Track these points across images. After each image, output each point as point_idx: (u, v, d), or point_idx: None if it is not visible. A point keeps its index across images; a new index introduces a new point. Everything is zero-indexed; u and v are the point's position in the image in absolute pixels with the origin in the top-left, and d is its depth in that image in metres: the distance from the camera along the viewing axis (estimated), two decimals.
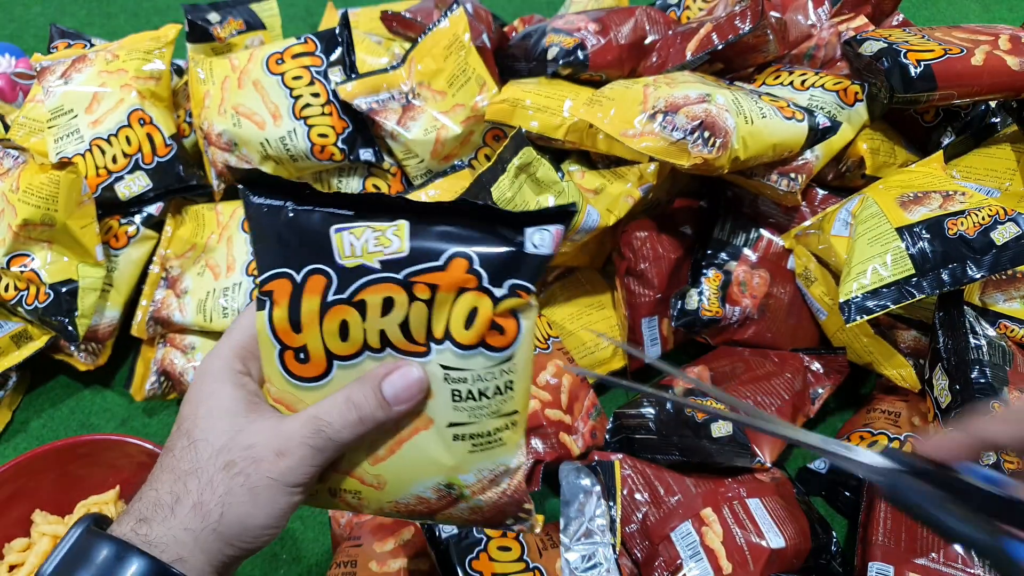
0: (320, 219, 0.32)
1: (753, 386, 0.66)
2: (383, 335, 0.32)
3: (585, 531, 0.56)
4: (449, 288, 0.31)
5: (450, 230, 0.32)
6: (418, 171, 0.78)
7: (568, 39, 0.73)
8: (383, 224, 0.32)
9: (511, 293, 0.32)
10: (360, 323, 0.32)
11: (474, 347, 0.32)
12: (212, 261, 0.74)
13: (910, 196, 0.63)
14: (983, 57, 0.65)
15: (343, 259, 0.32)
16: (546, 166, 0.63)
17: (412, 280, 0.31)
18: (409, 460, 0.34)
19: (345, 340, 0.32)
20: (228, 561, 0.32)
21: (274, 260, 0.32)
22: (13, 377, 0.74)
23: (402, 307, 0.31)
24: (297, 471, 0.31)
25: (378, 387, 0.32)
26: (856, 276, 0.60)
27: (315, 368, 0.32)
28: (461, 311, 0.32)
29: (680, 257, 0.72)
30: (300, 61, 0.76)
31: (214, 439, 0.32)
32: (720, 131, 0.61)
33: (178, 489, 0.31)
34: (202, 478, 0.31)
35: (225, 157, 0.76)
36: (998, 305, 0.66)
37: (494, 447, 0.34)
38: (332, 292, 0.32)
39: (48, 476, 0.61)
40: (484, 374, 0.32)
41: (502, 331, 0.32)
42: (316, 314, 0.32)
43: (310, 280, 0.32)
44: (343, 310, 0.32)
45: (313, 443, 0.31)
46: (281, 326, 0.32)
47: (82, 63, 0.76)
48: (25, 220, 0.66)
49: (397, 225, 0.32)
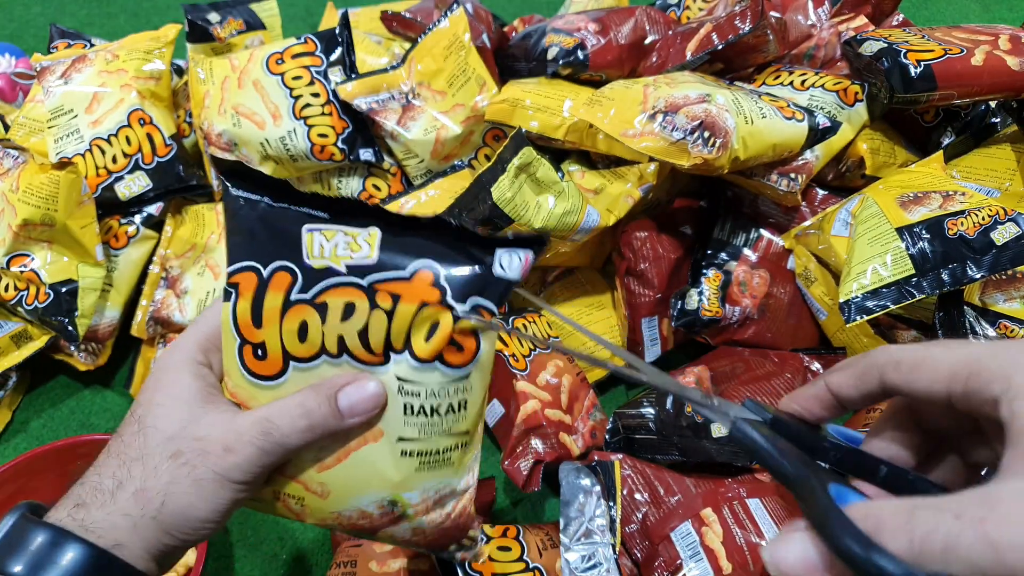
0: (294, 217, 0.32)
1: (753, 386, 0.66)
2: (341, 341, 0.32)
3: (585, 531, 0.56)
4: (411, 299, 0.31)
5: (420, 243, 0.32)
6: (418, 171, 0.78)
7: (568, 39, 0.73)
8: (355, 230, 0.32)
9: (473, 311, 0.31)
10: (319, 326, 0.32)
11: (431, 362, 0.32)
12: (212, 261, 0.74)
13: (910, 196, 0.63)
14: (983, 57, 0.65)
15: (311, 259, 0.32)
16: (546, 166, 0.63)
17: (376, 287, 0.31)
18: (356, 471, 0.34)
19: (303, 341, 0.32)
20: (166, 551, 0.32)
21: (244, 253, 0.32)
22: (13, 377, 0.74)
23: (363, 314, 0.31)
24: (243, 468, 0.31)
25: (333, 396, 0.31)
26: (856, 276, 0.60)
27: (271, 367, 0.32)
28: (421, 324, 0.31)
29: (680, 257, 0.72)
30: (300, 61, 0.76)
31: (164, 427, 0.32)
32: (720, 131, 0.61)
33: (121, 474, 0.31)
34: (147, 465, 0.31)
35: (225, 157, 0.76)
36: (998, 305, 0.66)
37: (442, 466, 0.34)
38: (296, 291, 0.32)
39: (48, 476, 0.61)
40: (438, 390, 0.32)
41: (460, 348, 0.32)
42: (278, 311, 0.32)
43: (276, 276, 0.32)
44: (304, 310, 0.31)
45: (261, 444, 0.31)
46: (243, 319, 0.32)
47: (82, 63, 0.76)
48: (25, 220, 0.66)
49: (369, 232, 0.32)
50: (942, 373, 0.25)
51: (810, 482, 0.24)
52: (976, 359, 0.25)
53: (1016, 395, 0.23)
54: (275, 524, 0.65)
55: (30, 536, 0.30)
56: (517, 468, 0.60)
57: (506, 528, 0.57)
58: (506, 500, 0.66)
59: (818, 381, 0.30)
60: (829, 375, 0.29)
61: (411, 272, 0.31)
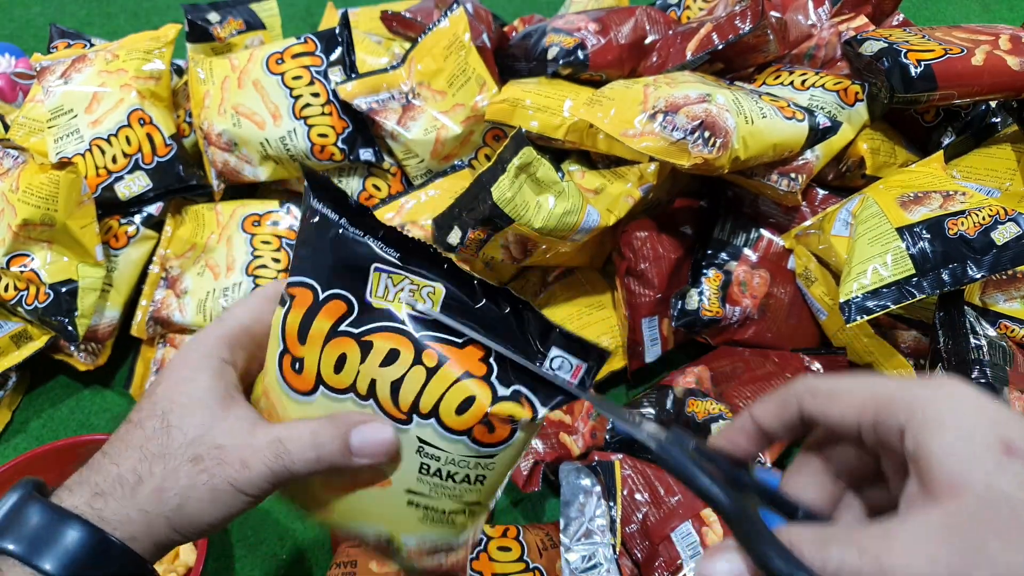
0: (366, 252, 0.31)
1: (753, 386, 0.66)
2: (372, 385, 0.32)
3: (585, 531, 0.56)
4: (456, 366, 0.31)
5: (482, 313, 0.31)
6: (418, 171, 0.78)
7: (568, 39, 0.73)
8: (422, 280, 0.31)
9: (513, 397, 0.31)
10: (357, 363, 0.31)
11: (459, 433, 0.31)
12: (212, 261, 0.74)
13: (910, 196, 0.63)
14: (983, 57, 0.65)
15: (373, 297, 0.31)
16: (546, 166, 0.63)
17: (426, 343, 0.31)
18: (360, 504, 0.34)
19: (338, 372, 0.32)
20: (169, 545, 0.32)
21: (307, 269, 0.32)
22: (13, 377, 0.74)
23: (404, 365, 0.31)
24: (255, 484, 0.31)
25: (347, 434, 0.31)
26: (856, 276, 0.60)
27: (304, 384, 0.32)
28: (458, 393, 0.31)
29: (680, 257, 0.72)
30: (300, 61, 0.76)
31: (187, 428, 0.32)
32: (720, 131, 0.61)
33: (142, 470, 0.31)
34: (168, 464, 0.31)
35: (225, 157, 0.76)
36: (998, 305, 0.66)
37: (444, 525, 0.34)
38: (346, 323, 0.31)
39: (48, 476, 0.61)
40: (459, 460, 0.32)
41: (492, 429, 0.31)
42: (323, 336, 0.31)
43: (331, 302, 0.31)
44: (347, 343, 0.31)
45: (271, 465, 0.31)
46: (291, 331, 0.32)
47: (82, 63, 0.76)
48: (25, 220, 0.66)
49: (434, 288, 0.31)
50: (854, 403, 0.27)
51: (738, 503, 0.26)
52: (886, 392, 0.26)
53: (921, 428, 0.24)
54: (275, 524, 0.65)
55: (61, 530, 0.30)
56: (517, 468, 0.60)
57: (506, 528, 0.57)
58: (506, 500, 0.66)
59: (743, 413, 0.31)
60: (754, 406, 0.30)
61: (464, 341, 0.31)
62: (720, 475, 0.27)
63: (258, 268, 0.74)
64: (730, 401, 0.64)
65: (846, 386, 0.27)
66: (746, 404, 0.64)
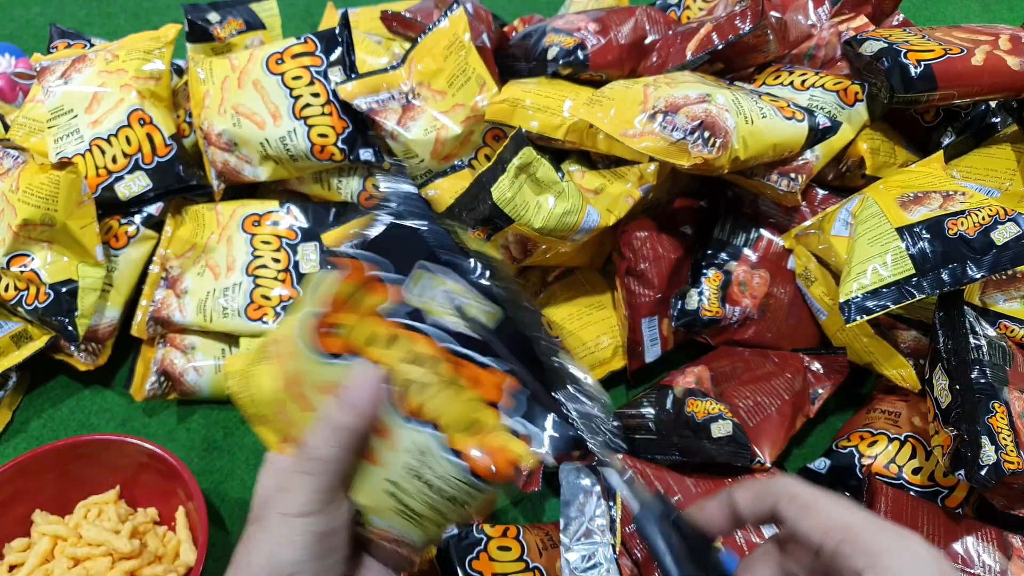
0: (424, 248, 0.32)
1: (753, 386, 0.66)
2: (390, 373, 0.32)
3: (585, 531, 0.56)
4: (473, 385, 0.31)
5: (526, 348, 0.31)
6: (418, 171, 0.78)
7: (568, 39, 0.73)
8: (482, 300, 0.32)
9: (520, 429, 0.31)
10: (383, 347, 0.32)
11: (456, 455, 0.31)
12: (212, 261, 0.74)
13: (910, 196, 0.63)
14: (983, 57, 0.65)
15: (409, 293, 0.32)
16: (546, 166, 0.63)
17: (454, 357, 0.31)
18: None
19: (368, 346, 0.32)
20: None
21: (371, 247, 0.32)
22: (13, 377, 0.74)
23: (421, 366, 0.31)
24: (299, 500, 0.32)
25: (338, 392, 0.32)
26: (856, 276, 0.60)
27: (333, 346, 0.33)
28: (467, 411, 0.31)
29: (680, 257, 0.72)
30: (300, 61, 0.76)
31: (251, 507, 0.34)
32: (720, 131, 0.61)
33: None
34: (239, 543, 0.33)
35: (225, 157, 0.77)
36: (998, 305, 0.66)
37: (413, 523, 0.34)
38: (386, 306, 0.32)
39: (48, 476, 0.61)
40: (447, 478, 0.32)
41: (493, 469, 0.31)
42: (367, 311, 0.32)
43: (381, 284, 0.32)
44: (381, 324, 0.32)
45: (304, 468, 0.32)
46: (339, 296, 0.32)
47: (82, 63, 0.76)
48: (25, 220, 0.66)
49: (492, 312, 0.31)
50: (823, 525, 0.29)
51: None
52: (856, 527, 0.28)
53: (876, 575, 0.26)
54: None
55: None
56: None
57: (506, 528, 0.57)
58: (506, 500, 0.66)
59: (723, 493, 0.33)
60: (733, 489, 0.32)
61: (504, 368, 0.31)
62: (685, 549, 0.29)
63: (258, 268, 0.74)
64: (730, 401, 0.65)
65: (823, 504, 0.29)
66: (746, 404, 0.64)
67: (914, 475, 0.61)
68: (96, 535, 0.58)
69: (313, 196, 0.82)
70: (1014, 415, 0.54)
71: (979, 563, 0.54)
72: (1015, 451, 0.52)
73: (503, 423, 0.31)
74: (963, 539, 0.55)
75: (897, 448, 0.62)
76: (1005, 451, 0.52)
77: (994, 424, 0.53)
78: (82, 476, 0.62)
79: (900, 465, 0.61)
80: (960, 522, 0.57)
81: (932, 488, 0.60)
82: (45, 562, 0.58)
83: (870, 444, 0.63)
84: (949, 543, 0.55)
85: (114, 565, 0.58)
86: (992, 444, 0.52)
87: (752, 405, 0.64)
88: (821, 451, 0.66)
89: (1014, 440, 0.53)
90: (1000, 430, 0.53)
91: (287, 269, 0.74)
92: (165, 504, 0.62)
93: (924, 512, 0.57)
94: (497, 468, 0.31)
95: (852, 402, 0.72)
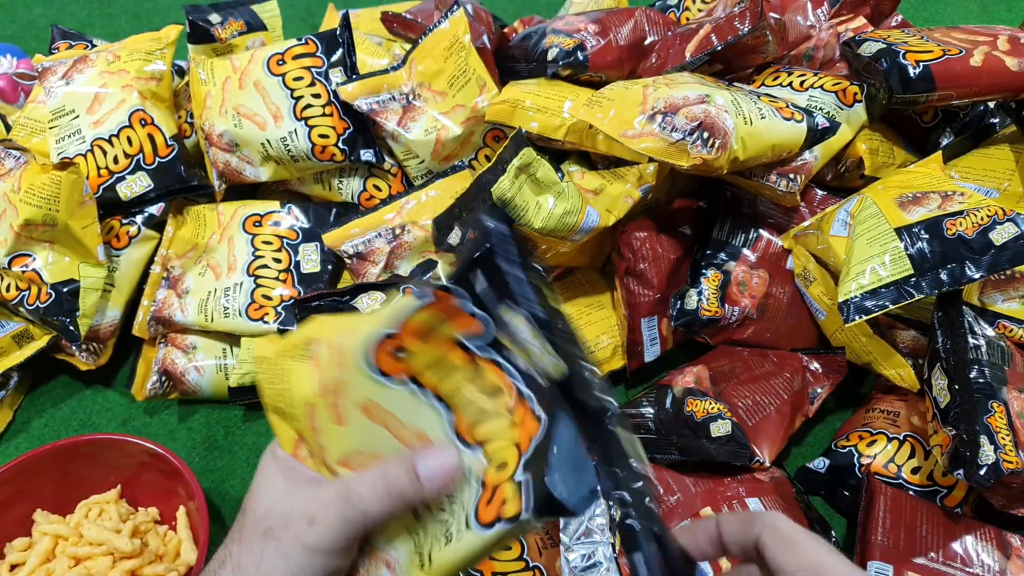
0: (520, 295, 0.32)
1: (752, 386, 0.66)
2: (461, 401, 0.32)
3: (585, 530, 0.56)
4: (520, 425, 0.31)
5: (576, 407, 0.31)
6: (418, 172, 0.78)
7: (568, 40, 0.74)
8: (551, 351, 0.32)
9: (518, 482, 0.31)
10: (459, 377, 0.32)
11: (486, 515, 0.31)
12: (213, 261, 0.75)
13: (909, 196, 0.64)
14: (982, 58, 0.65)
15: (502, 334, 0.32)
16: (546, 167, 0.63)
17: (516, 395, 0.31)
18: None
19: (435, 374, 0.32)
20: None
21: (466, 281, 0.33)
22: (15, 377, 0.74)
23: (498, 404, 0.31)
24: (326, 538, 0.32)
25: (412, 465, 0.32)
26: (855, 276, 0.60)
27: (397, 369, 0.32)
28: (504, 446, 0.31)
29: (679, 257, 0.72)
30: (301, 62, 0.76)
31: (257, 506, 0.34)
32: (719, 132, 0.61)
33: (224, 554, 0.33)
34: (243, 543, 0.33)
35: (226, 158, 0.77)
36: (997, 305, 0.66)
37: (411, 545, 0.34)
38: (472, 341, 0.32)
39: (49, 476, 0.62)
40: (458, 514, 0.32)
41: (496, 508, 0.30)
42: (443, 340, 0.32)
43: (469, 318, 0.32)
44: (460, 355, 0.32)
45: (343, 512, 0.32)
46: (416, 324, 0.32)
47: (83, 64, 0.76)
48: (27, 220, 0.66)
49: (558, 364, 0.32)
50: (799, 564, 0.31)
51: None
52: (827, 565, 0.30)
53: None
54: None
55: None
56: None
57: None
58: None
59: (711, 518, 0.34)
60: (722, 517, 0.34)
61: (548, 416, 0.31)
62: (667, 572, 0.30)
63: (259, 268, 0.74)
64: (729, 400, 0.65)
65: (806, 544, 0.31)
66: (745, 404, 0.65)
67: (913, 474, 0.61)
68: (97, 534, 0.58)
69: (314, 196, 0.82)
70: (1012, 415, 0.54)
71: (978, 562, 0.54)
72: (1014, 451, 0.52)
73: (516, 478, 0.31)
74: (962, 538, 0.55)
75: (896, 447, 0.62)
76: (1004, 451, 0.52)
77: (993, 424, 0.53)
78: (83, 476, 0.62)
79: (899, 464, 0.61)
80: (959, 521, 0.57)
81: (931, 487, 0.60)
82: (46, 561, 0.58)
83: (869, 443, 0.63)
84: (948, 542, 0.55)
85: (115, 564, 0.58)
86: (991, 444, 0.52)
87: (751, 404, 0.65)
88: (820, 451, 0.67)
89: (1013, 440, 0.53)
90: (999, 430, 0.53)
91: (288, 269, 0.74)
92: (166, 503, 0.63)
93: (923, 511, 0.58)
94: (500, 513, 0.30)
95: (851, 402, 0.72)
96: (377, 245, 0.73)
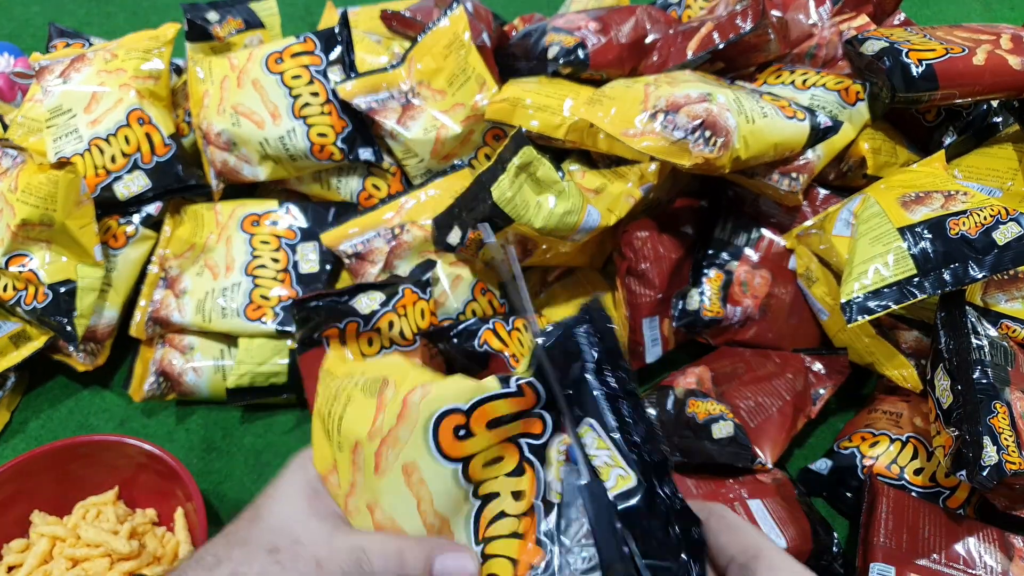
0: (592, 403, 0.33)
1: (754, 386, 0.66)
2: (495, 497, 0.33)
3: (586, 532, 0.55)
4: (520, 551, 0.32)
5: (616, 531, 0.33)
6: (418, 171, 0.77)
7: (569, 38, 0.73)
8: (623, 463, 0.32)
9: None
10: (501, 472, 0.33)
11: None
12: (211, 261, 0.74)
13: (912, 196, 0.63)
14: (985, 56, 0.65)
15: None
16: (546, 166, 0.63)
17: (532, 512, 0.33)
18: None
19: (485, 467, 0.33)
20: None
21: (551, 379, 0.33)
22: (11, 378, 0.73)
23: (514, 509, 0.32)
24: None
25: (431, 560, 0.32)
26: (858, 276, 0.60)
27: (456, 452, 0.33)
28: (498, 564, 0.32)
29: (681, 257, 0.72)
30: (299, 60, 0.76)
31: (270, 518, 0.33)
32: (721, 130, 0.61)
33: (223, 553, 0.32)
34: (246, 550, 0.32)
35: (224, 157, 0.76)
36: (1000, 305, 0.66)
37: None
38: (525, 438, 0.33)
39: (47, 477, 0.61)
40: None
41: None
42: (504, 434, 0.33)
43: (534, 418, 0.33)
44: (512, 452, 0.33)
45: (348, 571, 0.32)
46: (491, 411, 0.33)
47: (81, 62, 0.76)
48: (24, 220, 0.66)
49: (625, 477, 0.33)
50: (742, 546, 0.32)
51: None
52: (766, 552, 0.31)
53: None
54: None
55: None
56: None
57: None
58: None
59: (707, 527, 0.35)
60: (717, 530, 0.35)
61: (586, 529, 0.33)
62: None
63: (257, 268, 0.73)
64: (731, 401, 0.64)
65: (743, 527, 0.34)
66: (747, 405, 0.64)
67: (916, 476, 0.60)
68: (95, 536, 0.58)
69: (312, 196, 0.81)
70: (1016, 416, 0.54)
71: (980, 564, 0.54)
72: (1017, 452, 0.52)
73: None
74: (964, 540, 0.55)
75: (899, 449, 0.62)
76: (1007, 452, 0.52)
77: (996, 425, 0.53)
78: (81, 477, 0.62)
79: (902, 466, 0.61)
80: (961, 523, 0.57)
81: (934, 489, 0.60)
82: (44, 563, 0.58)
83: (872, 445, 0.63)
84: (950, 544, 0.55)
85: (113, 566, 0.57)
86: (994, 445, 0.52)
87: (753, 406, 0.64)
88: (822, 452, 0.66)
89: (1016, 440, 0.53)
90: (1002, 431, 0.53)
91: (286, 269, 0.74)
92: (164, 505, 0.62)
93: (925, 513, 0.57)
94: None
95: (853, 403, 0.72)
96: (376, 245, 0.73)
